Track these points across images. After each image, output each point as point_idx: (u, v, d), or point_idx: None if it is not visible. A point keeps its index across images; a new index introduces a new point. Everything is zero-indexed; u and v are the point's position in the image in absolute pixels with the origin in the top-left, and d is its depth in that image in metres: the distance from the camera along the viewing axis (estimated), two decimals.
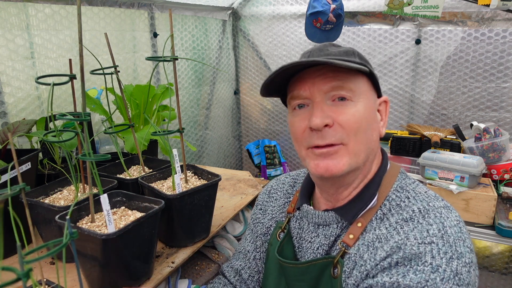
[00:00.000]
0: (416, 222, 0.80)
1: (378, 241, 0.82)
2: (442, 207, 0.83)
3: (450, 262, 0.73)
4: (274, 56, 3.10)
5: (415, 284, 0.72)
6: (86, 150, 0.88)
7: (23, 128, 1.27)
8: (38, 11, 1.65)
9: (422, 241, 0.76)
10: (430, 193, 0.89)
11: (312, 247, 0.93)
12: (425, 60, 2.58)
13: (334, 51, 0.88)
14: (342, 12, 2.34)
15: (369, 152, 0.88)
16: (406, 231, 0.80)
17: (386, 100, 0.95)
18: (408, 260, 0.75)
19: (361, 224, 0.87)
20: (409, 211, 0.83)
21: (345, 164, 0.84)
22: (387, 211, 0.87)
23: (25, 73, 1.63)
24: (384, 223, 0.84)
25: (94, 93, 1.81)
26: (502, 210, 1.94)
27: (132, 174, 1.37)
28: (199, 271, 1.28)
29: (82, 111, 0.92)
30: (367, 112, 0.86)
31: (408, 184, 0.92)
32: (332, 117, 0.83)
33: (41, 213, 1.07)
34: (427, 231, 0.78)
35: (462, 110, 2.55)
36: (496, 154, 2.14)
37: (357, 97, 0.85)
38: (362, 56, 0.92)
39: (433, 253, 0.74)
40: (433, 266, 0.73)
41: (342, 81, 0.83)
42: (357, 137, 0.84)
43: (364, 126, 0.85)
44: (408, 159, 2.40)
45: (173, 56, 1.10)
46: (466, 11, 2.36)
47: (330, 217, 0.92)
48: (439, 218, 0.80)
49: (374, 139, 0.89)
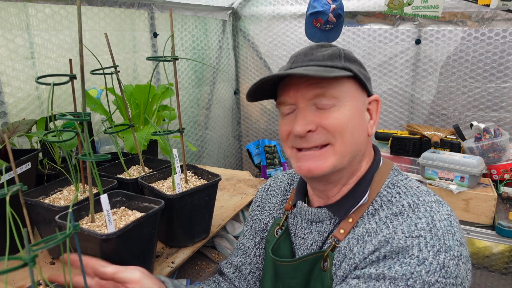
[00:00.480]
0: (406, 216, 0.81)
1: (368, 235, 0.83)
2: (433, 202, 0.84)
3: (437, 255, 0.73)
4: (274, 56, 3.10)
5: (400, 276, 0.73)
6: (86, 150, 0.88)
7: (23, 128, 1.27)
8: (38, 11, 1.65)
9: (410, 234, 0.77)
10: (422, 188, 0.89)
11: (306, 243, 0.95)
12: (425, 60, 2.58)
13: (318, 56, 0.88)
14: (342, 12, 2.33)
15: (356, 153, 0.89)
16: (395, 225, 0.81)
17: (377, 99, 0.95)
18: (395, 254, 0.76)
19: (352, 220, 0.89)
20: (399, 206, 0.84)
21: (329, 166, 0.85)
22: (378, 206, 0.88)
23: (25, 73, 1.63)
24: (374, 218, 0.86)
25: (94, 93, 1.81)
26: (502, 210, 1.94)
27: (132, 174, 1.37)
28: (199, 271, 1.28)
29: (82, 111, 0.92)
30: (353, 114, 0.86)
31: (400, 180, 0.93)
32: (316, 121, 0.84)
33: (41, 213, 1.07)
34: (415, 224, 0.79)
35: (462, 110, 2.55)
36: (496, 154, 2.14)
37: (341, 102, 0.85)
38: (350, 57, 0.91)
39: (420, 246, 0.75)
40: (419, 259, 0.73)
41: (325, 88, 0.84)
42: (343, 138, 0.85)
43: (350, 128, 0.85)
44: (408, 159, 2.40)
45: (173, 56, 1.10)
46: (466, 11, 2.36)
47: (323, 213, 0.93)
48: (429, 212, 0.81)
49: (361, 140, 0.90)
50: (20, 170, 1.15)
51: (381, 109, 2.10)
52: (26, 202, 1.06)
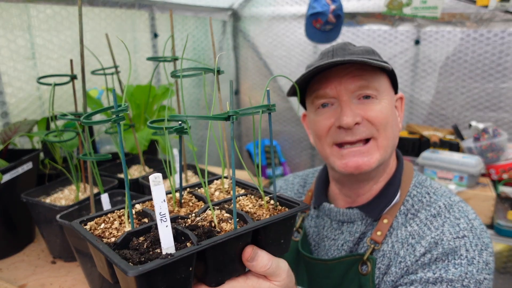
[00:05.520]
0: (444, 216, 0.85)
1: (412, 237, 0.85)
2: (460, 201, 0.89)
3: (481, 253, 0.79)
4: (274, 57, 3.10)
5: (456, 277, 0.76)
6: (87, 150, 0.89)
7: (24, 128, 1.28)
8: (39, 12, 1.66)
9: (456, 235, 0.81)
10: (444, 189, 0.93)
11: (336, 244, 0.94)
12: (424, 60, 2.59)
13: (356, 50, 0.90)
14: (341, 13, 2.34)
15: (394, 147, 0.92)
16: (436, 226, 0.84)
17: (402, 97, 0.98)
18: (445, 255, 0.79)
19: (387, 221, 0.89)
20: (436, 207, 0.87)
21: (375, 161, 0.86)
22: (410, 206, 0.90)
23: (26, 73, 1.64)
24: (414, 220, 0.87)
25: (95, 93, 1.81)
26: (500, 210, 1.95)
27: (132, 174, 1.38)
28: None
29: (83, 111, 0.93)
30: (391, 109, 0.89)
31: (424, 180, 0.95)
32: (361, 114, 0.86)
33: (42, 213, 1.08)
34: (458, 225, 0.82)
35: (461, 110, 2.56)
36: (494, 154, 2.15)
37: (381, 95, 0.87)
38: (379, 54, 0.94)
39: (466, 246, 0.79)
40: (468, 259, 0.78)
41: (368, 80, 0.85)
42: (386, 132, 0.86)
43: (390, 121, 0.88)
44: (407, 159, 2.41)
45: (173, 56, 1.11)
46: (465, 12, 2.37)
47: (354, 214, 0.93)
48: (463, 212, 0.86)
49: (397, 135, 0.92)
50: (21, 170, 1.16)
51: None
52: (28, 201, 1.07)
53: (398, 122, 0.94)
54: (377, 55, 0.92)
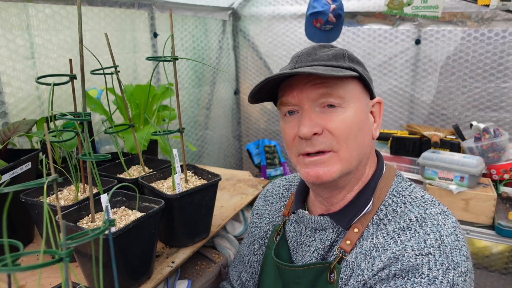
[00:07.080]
0: (413, 231, 0.80)
1: (375, 250, 0.81)
2: (439, 214, 0.82)
3: (447, 273, 0.73)
4: (274, 56, 3.10)
5: None
6: (86, 150, 0.88)
7: (24, 128, 1.27)
8: (38, 11, 1.65)
9: (420, 252, 0.76)
10: (426, 198, 0.88)
11: (310, 250, 0.93)
12: (425, 60, 2.58)
13: (322, 56, 0.86)
14: (342, 12, 2.34)
15: (362, 157, 0.88)
16: (403, 240, 0.79)
17: (380, 101, 0.93)
18: (405, 272, 0.75)
19: (357, 230, 0.86)
20: (406, 220, 0.82)
21: (336, 171, 0.83)
22: (383, 216, 0.86)
23: (25, 73, 1.63)
24: (381, 232, 0.83)
25: (95, 93, 1.81)
26: (501, 210, 1.95)
27: (132, 174, 1.37)
28: (199, 271, 1.28)
29: (82, 111, 0.92)
30: (358, 117, 0.85)
31: (405, 188, 0.91)
32: (321, 124, 0.82)
33: (41, 213, 1.07)
34: (424, 241, 0.77)
35: (462, 110, 2.55)
36: (495, 154, 2.14)
37: (347, 103, 0.83)
38: (353, 57, 0.89)
39: (430, 264, 0.74)
40: (429, 278, 0.73)
41: (331, 88, 0.81)
42: (347, 144, 0.83)
43: (354, 131, 0.83)
44: (408, 159, 2.40)
45: (173, 56, 1.10)
46: (466, 11, 2.36)
47: (325, 222, 0.91)
48: (436, 226, 0.79)
49: (366, 143, 0.88)
50: (20, 169, 1.15)
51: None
52: (27, 201, 1.06)
53: (370, 130, 0.89)
54: (347, 59, 0.86)
